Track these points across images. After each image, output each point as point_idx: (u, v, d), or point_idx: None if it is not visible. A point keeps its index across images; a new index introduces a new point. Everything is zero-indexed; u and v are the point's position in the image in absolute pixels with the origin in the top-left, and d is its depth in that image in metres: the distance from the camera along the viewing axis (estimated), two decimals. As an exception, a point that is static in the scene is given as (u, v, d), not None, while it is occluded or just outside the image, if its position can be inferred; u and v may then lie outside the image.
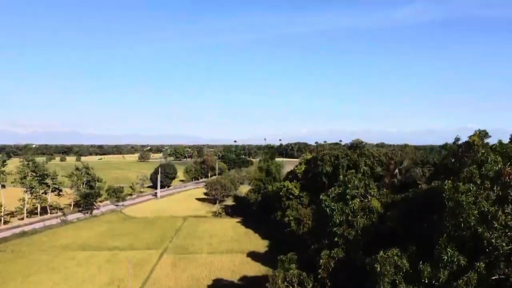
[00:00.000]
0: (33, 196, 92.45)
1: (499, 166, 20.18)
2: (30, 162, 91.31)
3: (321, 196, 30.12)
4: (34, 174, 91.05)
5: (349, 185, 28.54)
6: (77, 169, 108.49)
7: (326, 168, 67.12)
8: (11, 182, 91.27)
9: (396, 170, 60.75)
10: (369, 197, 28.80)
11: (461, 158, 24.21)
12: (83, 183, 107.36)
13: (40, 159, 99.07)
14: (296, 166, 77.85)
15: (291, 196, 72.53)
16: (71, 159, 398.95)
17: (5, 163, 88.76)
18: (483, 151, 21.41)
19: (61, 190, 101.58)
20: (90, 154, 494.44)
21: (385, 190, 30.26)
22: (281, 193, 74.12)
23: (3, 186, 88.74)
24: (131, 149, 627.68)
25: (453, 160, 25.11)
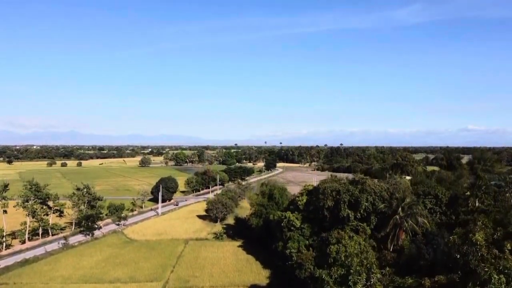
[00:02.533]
0: (35, 219, 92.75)
1: (503, 287, 20.27)
2: (33, 186, 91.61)
3: (323, 275, 30.13)
4: (36, 198, 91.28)
5: (351, 270, 28.54)
6: (78, 189, 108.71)
7: (327, 202, 67.14)
8: (14, 206, 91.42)
9: (399, 209, 60.77)
10: (372, 280, 28.84)
11: (465, 256, 24.39)
12: (84, 203, 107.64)
13: (42, 182, 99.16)
14: (298, 197, 77.94)
15: (292, 228, 72.54)
16: (72, 163, 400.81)
17: (7, 188, 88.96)
18: (486, 270, 21.46)
19: (62, 212, 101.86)
20: (91, 157, 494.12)
21: (387, 269, 30.23)
22: (282, 224, 74.13)
23: (5, 212, 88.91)
24: (132, 152, 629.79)
25: (458, 256, 25.33)
